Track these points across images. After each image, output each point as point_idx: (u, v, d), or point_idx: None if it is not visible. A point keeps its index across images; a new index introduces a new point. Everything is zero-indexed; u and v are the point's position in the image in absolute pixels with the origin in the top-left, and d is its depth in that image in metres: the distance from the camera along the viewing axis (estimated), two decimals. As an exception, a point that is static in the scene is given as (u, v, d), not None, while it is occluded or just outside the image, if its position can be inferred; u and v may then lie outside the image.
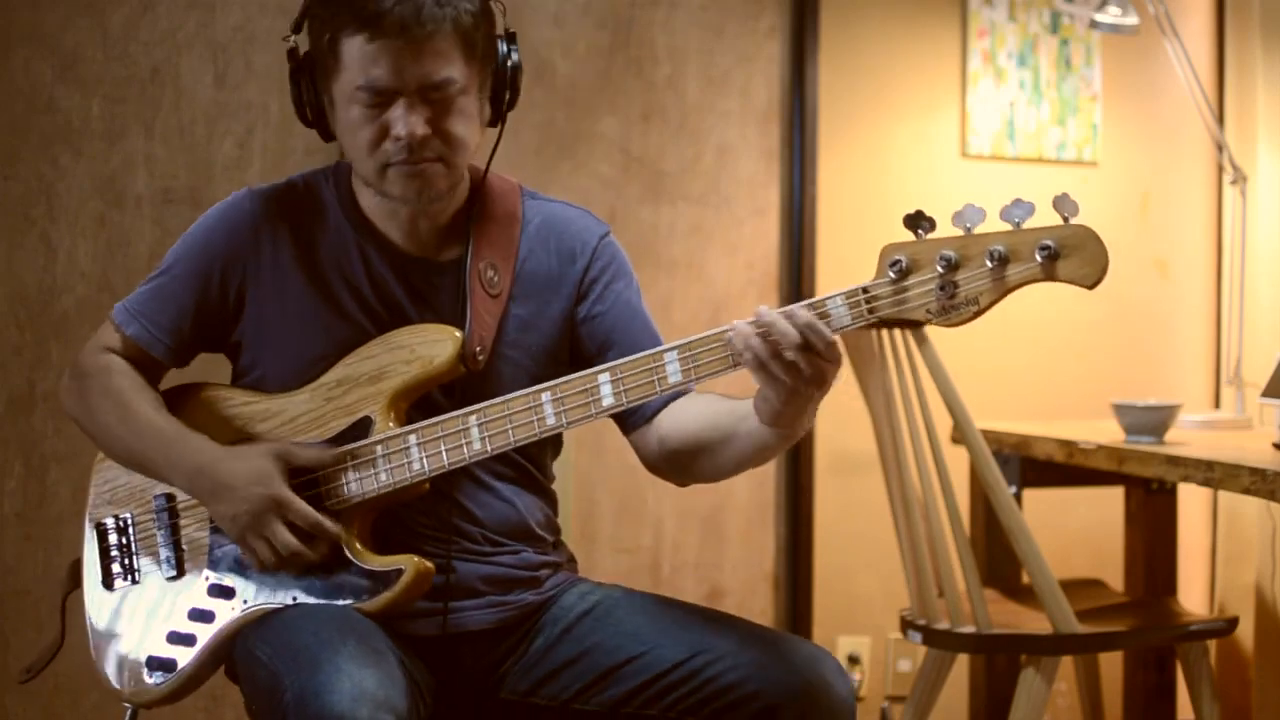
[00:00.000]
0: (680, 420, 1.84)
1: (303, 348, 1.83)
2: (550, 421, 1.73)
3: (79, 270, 3.01)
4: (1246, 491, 2.42)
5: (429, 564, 1.76)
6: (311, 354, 1.83)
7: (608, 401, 1.71)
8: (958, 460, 2.99)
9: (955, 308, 1.58)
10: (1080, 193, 3.71)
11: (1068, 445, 2.88)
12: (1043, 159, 3.63)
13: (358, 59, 1.73)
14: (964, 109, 3.58)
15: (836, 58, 3.50)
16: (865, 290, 1.61)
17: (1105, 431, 2.94)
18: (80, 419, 1.91)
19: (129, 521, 1.90)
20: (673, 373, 1.69)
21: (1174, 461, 2.58)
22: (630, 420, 1.88)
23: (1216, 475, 2.48)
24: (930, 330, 2.61)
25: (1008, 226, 1.56)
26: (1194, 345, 3.74)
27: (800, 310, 1.61)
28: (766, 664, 1.70)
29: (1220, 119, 3.63)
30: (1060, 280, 1.55)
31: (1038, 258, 1.54)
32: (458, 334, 1.79)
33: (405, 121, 1.73)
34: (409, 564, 1.75)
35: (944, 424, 2.81)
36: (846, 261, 3.49)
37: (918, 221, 1.59)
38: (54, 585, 2.24)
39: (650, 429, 1.87)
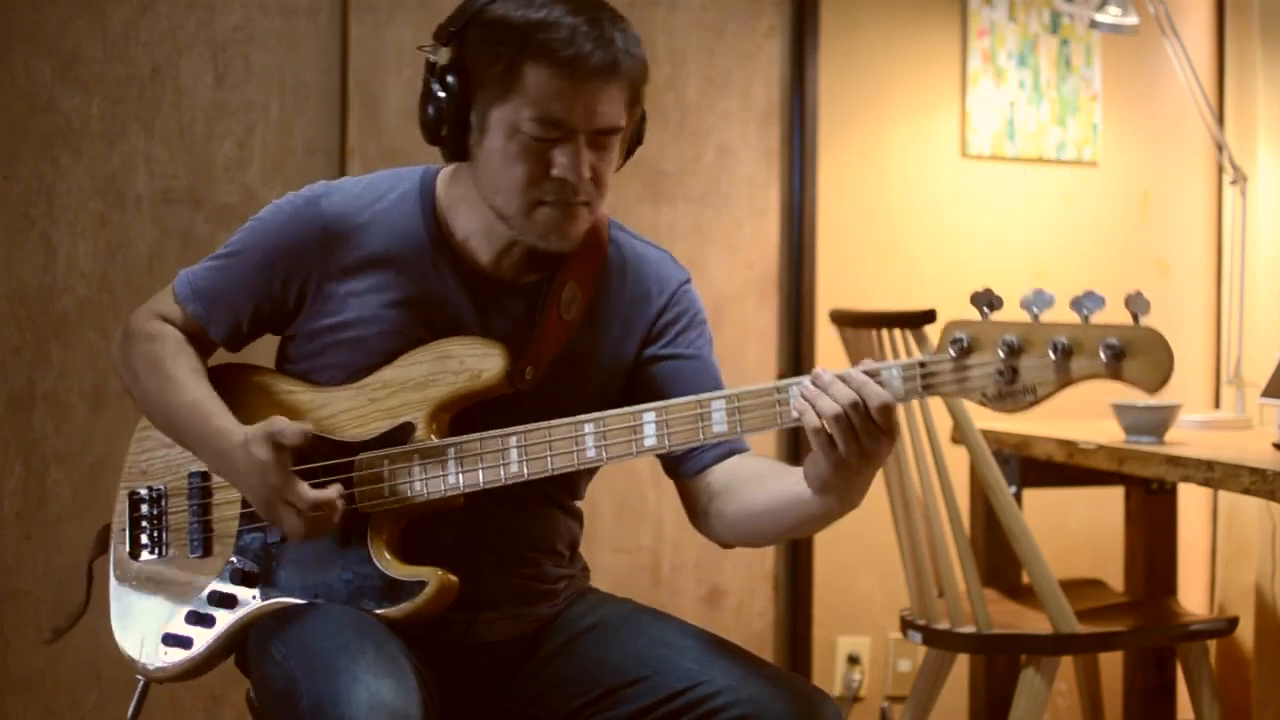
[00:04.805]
0: (743, 496, 1.78)
1: (357, 355, 1.82)
2: (590, 454, 1.70)
3: (79, 270, 3.01)
4: (1246, 491, 2.42)
5: (453, 577, 1.75)
6: (365, 362, 1.81)
7: (650, 442, 1.68)
8: (958, 460, 2.99)
9: (1013, 394, 1.53)
10: (1080, 193, 3.74)
11: (1068, 445, 2.88)
12: (1043, 159, 3.63)
13: (542, 91, 1.66)
14: (964, 109, 3.58)
15: (836, 58, 3.50)
16: (923, 365, 1.56)
17: (1105, 431, 2.94)
18: (126, 381, 1.92)
19: (162, 494, 1.90)
20: (718, 421, 1.65)
21: (1174, 461, 2.58)
22: (681, 469, 1.85)
23: (1216, 475, 2.48)
24: (929, 330, 2.61)
25: (1076, 317, 1.52)
26: (1194, 345, 3.74)
27: (856, 373, 1.57)
28: (766, 702, 1.69)
29: (1220, 119, 3.63)
30: (1124, 380, 1.50)
31: (1102, 356, 1.50)
32: (505, 350, 1.76)
33: (574, 163, 1.69)
34: (433, 576, 1.74)
35: (944, 424, 2.81)
36: (846, 262, 3.49)
37: (984, 300, 1.53)
38: (54, 585, 2.26)
39: (701, 484, 1.83)
